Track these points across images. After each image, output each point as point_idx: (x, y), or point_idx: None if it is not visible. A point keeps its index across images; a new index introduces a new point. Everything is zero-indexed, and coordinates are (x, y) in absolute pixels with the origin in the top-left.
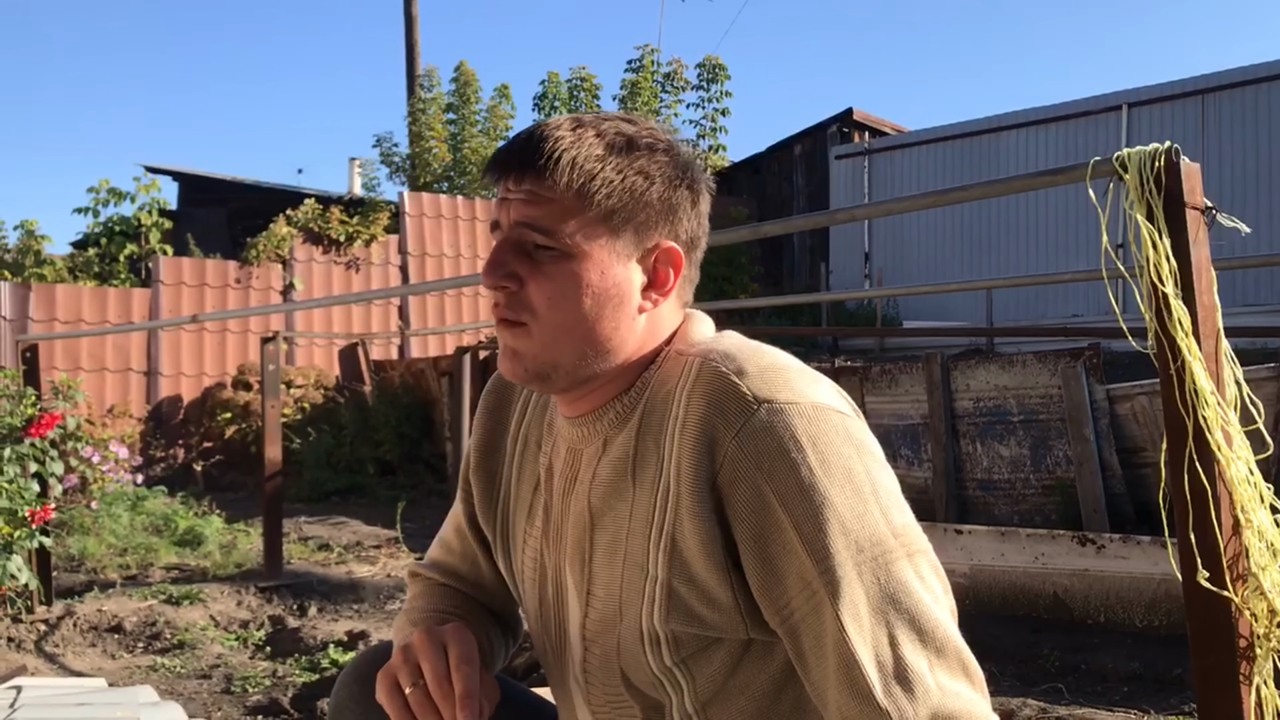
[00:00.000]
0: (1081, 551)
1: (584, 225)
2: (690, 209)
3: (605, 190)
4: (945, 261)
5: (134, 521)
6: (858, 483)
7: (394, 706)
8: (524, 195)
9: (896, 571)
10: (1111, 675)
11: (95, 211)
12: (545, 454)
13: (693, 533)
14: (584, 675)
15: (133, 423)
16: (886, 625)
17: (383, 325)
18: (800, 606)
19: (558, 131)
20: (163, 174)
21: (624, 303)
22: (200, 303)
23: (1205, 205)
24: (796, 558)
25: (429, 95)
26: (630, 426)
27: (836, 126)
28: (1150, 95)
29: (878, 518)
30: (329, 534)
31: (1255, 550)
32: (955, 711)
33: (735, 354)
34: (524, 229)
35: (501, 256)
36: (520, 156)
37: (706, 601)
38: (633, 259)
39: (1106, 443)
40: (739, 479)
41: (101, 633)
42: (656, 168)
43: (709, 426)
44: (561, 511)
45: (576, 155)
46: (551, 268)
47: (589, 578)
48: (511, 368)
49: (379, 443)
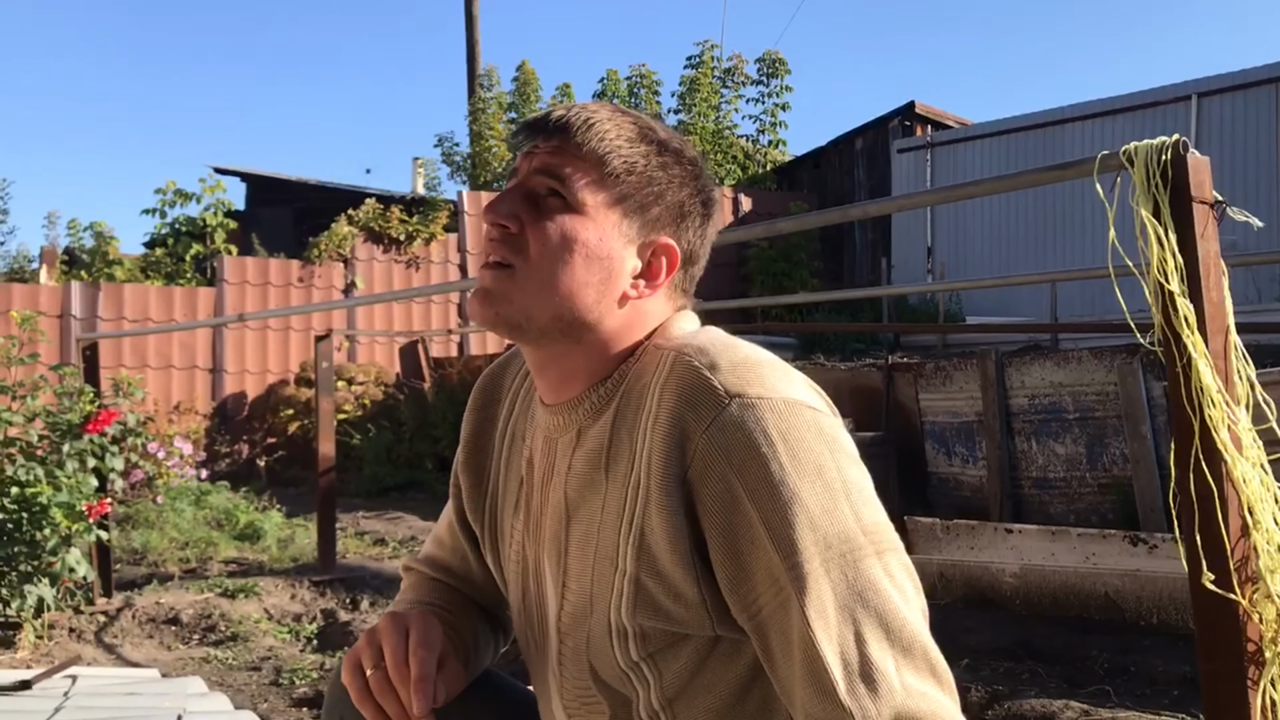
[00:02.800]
0: (1133, 552)
1: (598, 191)
2: (698, 225)
3: (627, 169)
4: (1010, 255)
5: (196, 516)
6: (828, 479)
7: (355, 687)
8: (551, 148)
9: (865, 569)
10: (1161, 678)
11: (162, 212)
12: (528, 446)
13: (661, 527)
14: (559, 668)
15: (198, 419)
16: (853, 623)
17: (442, 323)
18: (768, 603)
19: (596, 109)
20: (230, 174)
21: (611, 278)
22: (264, 301)
23: (1215, 199)
24: (764, 554)
25: (489, 94)
26: (605, 419)
27: (898, 120)
28: (1221, 84)
29: (847, 514)
30: (385, 529)
31: (1263, 553)
32: (920, 712)
33: (708, 348)
34: (541, 176)
35: (511, 195)
36: (555, 119)
37: (673, 596)
38: (633, 245)
39: (1164, 440)
40: (709, 473)
41: (159, 624)
42: (679, 172)
43: (680, 421)
44: (541, 502)
45: (610, 130)
46: (555, 217)
47: (564, 570)
48: (483, 311)
49: (437, 439)
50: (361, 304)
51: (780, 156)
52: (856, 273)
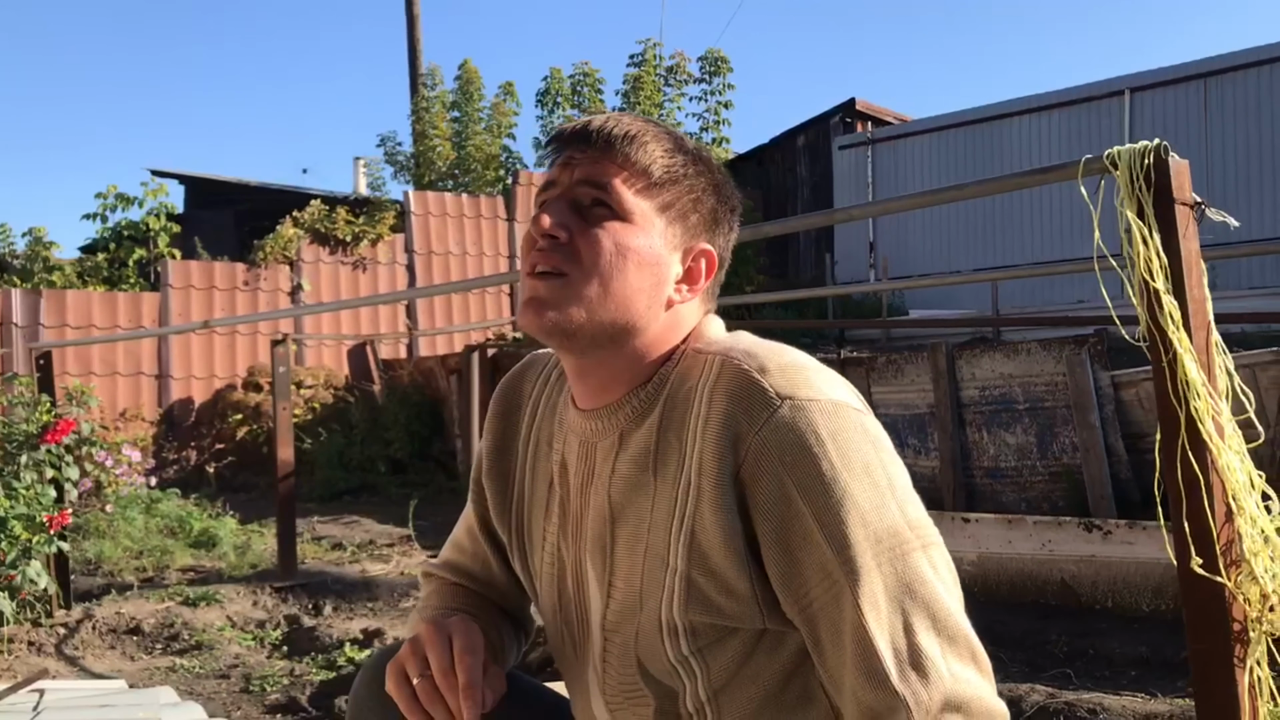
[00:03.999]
0: (1088, 538)
1: (643, 199)
2: (728, 231)
3: (670, 178)
4: (951, 248)
5: (149, 524)
6: (875, 477)
7: (402, 697)
8: (591, 160)
9: (912, 562)
10: (1119, 660)
11: (104, 217)
12: (558, 450)
13: (714, 525)
14: (602, 665)
15: (145, 426)
16: (903, 614)
17: (391, 324)
18: (819, 596)
19: (631, 120)
20: (169, 177)
21: (660, 284)
22: (209, 305)
23: (1195, 200)
24: (817, 549)
25: (432, 94)
26: (650, 422)
27: (839, 117)
28: (1153, 80)
29: (894, 511)
30: (342, 533)
31: (1247, 536)
32: (966, 697)
33: (756, 352)
34: (585, 186)
35: (557, 207)
36: (594, 130)
37: (725, 592)
38: (677, 251)
39: (1112, 428)
40: (762, 472)
41: (120, 635)
42: (712, 180)
43: (733, 422)
44: (580, 505)
45: (650, 141)
46: (604, 225)
47: (610, 570)
48: (536, 320)
49: (389, 441)
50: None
51: (724, 154)
52: (801, 269)
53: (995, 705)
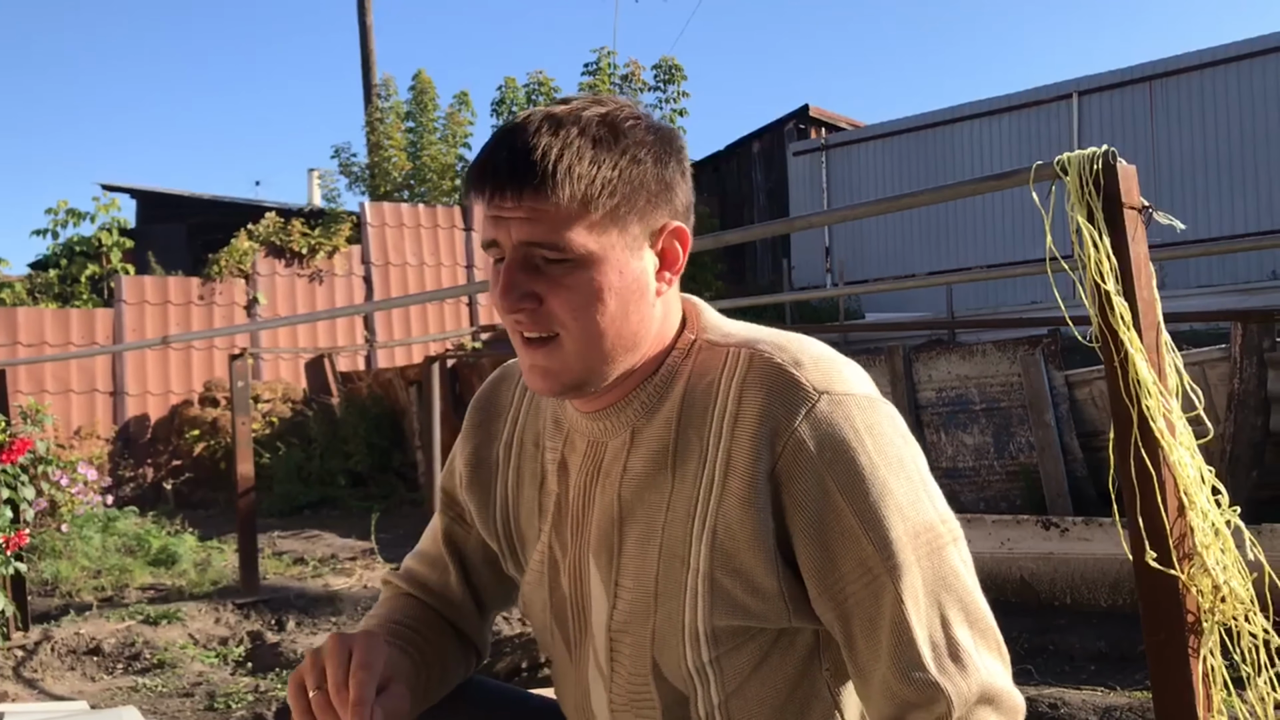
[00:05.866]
0: (1046, 535)
1: (592, 230)
2: (681, 179)
3: (606, 189)
4: (905, 252)
5: (106, 543)
6: (909, 471)
7: (298, 708)
8: (523, 213)
9: (947, 557)
10: (1079, 655)
11: (55, 233)
12: (555, 450)
13: (741, 523)
14: (609, 665)
15: (100, 444)
16: (939, 607)
17: (348, 336)
18: (856, 591)
19: (541, 139)
20: (120, 192)
21: (644, 294)
22: (164, 320)
23: (1142, 204)
24: (856, 544)
25: (386, 104)
26: (665, 418)
27: (793, 123)
28: (1100, 83)
29: (928, 505)
30: (303, 548)
31: (1199, 530)
32: (999, 690)
33: (785, 345)
34: (531, 247)
35: (513, 278)
36: (510, 171)
37: (751, 590)
38: (644, 246)
39: (1067, 427)
40: (800, 467)
41: (80, 655)
42: (645, 149)
43: (769, 417)
44: (583, 504)
45: (570, 163)
46: (569, 279)
47: (617, 569)
48: (545, 384)
49: (349, 454)
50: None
51: None
52: (758, 274)
53: (1019, 700)
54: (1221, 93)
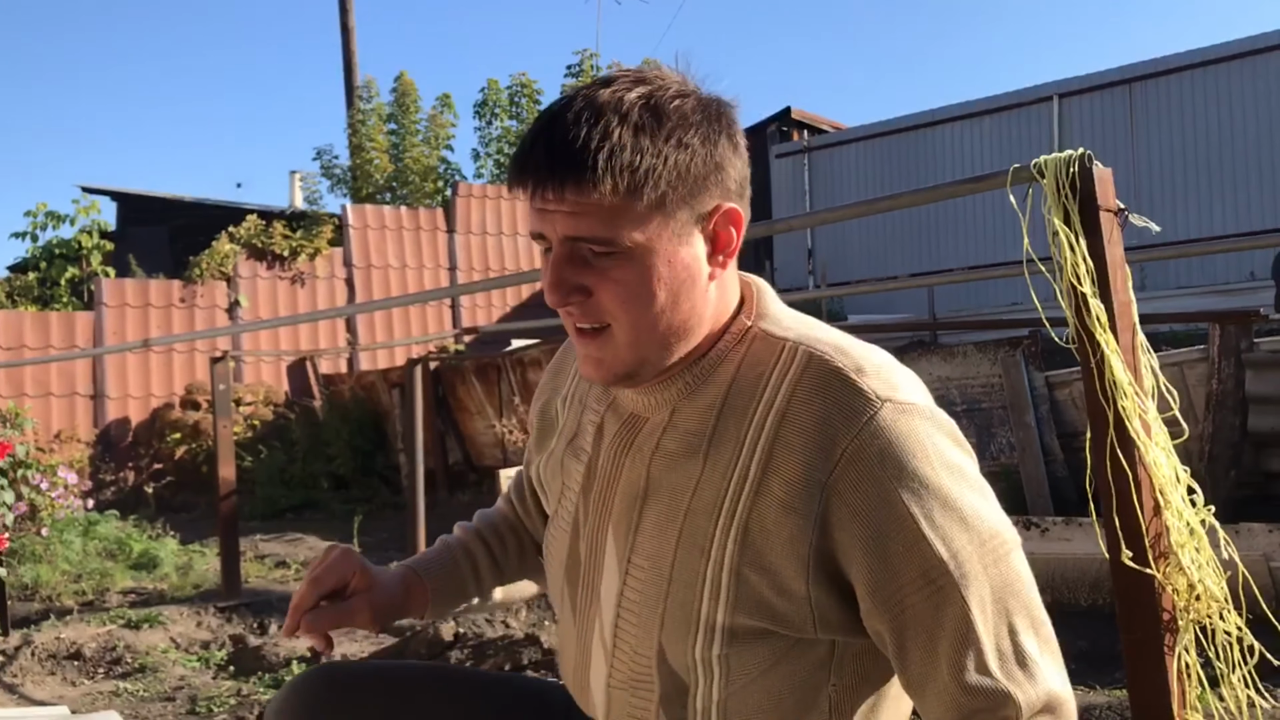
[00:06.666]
0: (1026, 535)
1: (639, 221)
2: (733, 155)
3: (652, 180)
4: (887, 253)
5: (87, 547)
6: (970, 480)
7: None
8: (568, 208)
9: (1012, 564)
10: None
11: (34, 235)
12: (596, 413)
13: (780, 524)
14: (613, 641)
15: (81, 447)
16: (1006, 614)
17: (330, 339)
18: (917, 602)
19: (584, 129)
20: (100, 194)
21: (696, 281)
22: (145, 323)
23: (1118, 207)
24: (920, 555)
25: (368, 106)
26: (707, 403)
27: (776, 125)
28: (1080, 85)
29: (990, 513)
30: (286, 551)
31: (1174, 529)
32: (1062, 699)
33: (848, 349)
34: (578, 242)
35: (561, 272)
36: (550, 164)
37: (778, 590)
38: (694, 232)
39: (1047, 428)
40: (861, 477)
41: (61, 660)
42: (692, 131)
43: (826, 424)
44: (611, 474)
45: (613, 154)
46: (617, 271)
47: (631, 547)
48: (598, 373)
49: (331, 457)
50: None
51: None
52: None
53: (1074, 707)
54: (1200, 96)
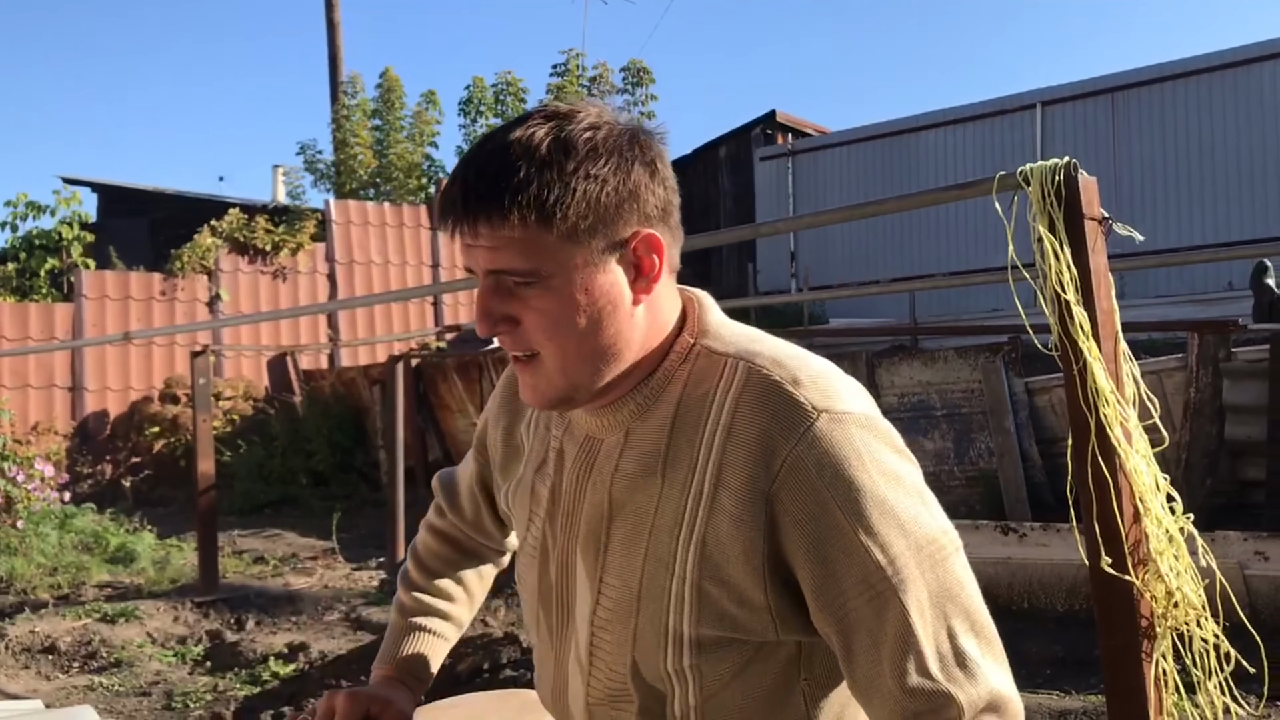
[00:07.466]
0: (1004, 540)
1: (553, 251)
2: (650, 181)
3: (560, 211)
4: (869, 257)
5: (63, 540)
6: (908, 486)
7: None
8: (485, 243)
9: (950, 568)
10: (1035, 659)
11: (14, 226)
12: (556, 437)
13: (732, 539)
14: (589, 659)
15: (58, 440)
16: (945, 617)
17: (311, 335)
18: (858, 607)
19: (494, 167)
20: (81, 185)
21: (618, 306)
22: (125, 316)
23: (1102, 215)
24: (859, 561)
25: (353, 102)
26: (659, 423)
27: (760, 128)
28: (1063, 94)
29: (928, 519)
30: (264, 546)
31: (1154, 536)
32: (1005, 698)
33: (784, 361)
34: (499, 275)
35: (488, 304)
36: (464, 204)
37: (738, 601)
38: (611, 259)
39: (1026, 433)
40: (798, 487)
41: (35, 654)
42: (600, 161)
43: (766, 437)
44: (575, 497)
45: (520, 189)
46: (538, 300)
47: (602, 566)
48: (536, 399)
49: (311, 453)
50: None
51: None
52: (724, 278)
53: (1021, 706)
54: (1182, 106)
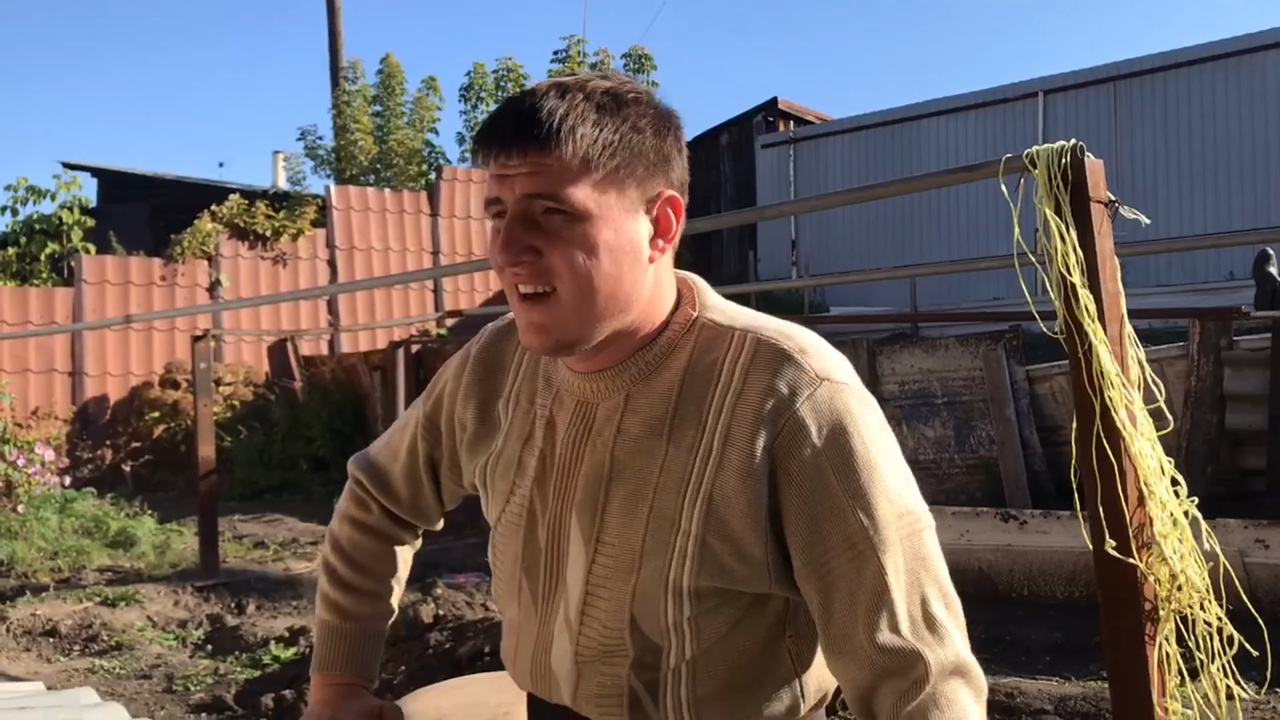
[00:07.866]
0: (1005, 528)
1: (592, 188)
2: (678, 155)
3: (607, 151)
4: (870, 246)
5: (63, 524)
6: (894, 461)
7: None
8: (529, 168)
9: (925, 539)
10: (1035, 646)
11: (14, 210)
12: (544, 407)
13: (738, 492)
14: (579, 619)
15: (58, 424)
16: (919, 584)
17: (312, 320)
18: (840, 565)
19: (548, 101)
20: (81, 170)
21: (639, 256)
22: (125, 301)
23: (1109, 199)
24: (844, 522)
25: (353, 87)
26: (665, 388)
27: (762, 116)
28: (1065, 83)
29: (909, 494)
30: (264, 531)
31: (1158, 520)
32: (970, 664)
33: (791, 333)
34: (533, 199)
35: (513, 232)
36: (517, 130)
37: (738, 556)
38: (639, 211)
39: (1027, 422)
40: (798, 446)
41: (36, 636)
42: (646, 120)
43: (775, 396)
44: (570, 462)
45: (574, 122)
46: (568, 232)
47: (600, 526)
48: (539, 340)
49: (311, 438)
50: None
51: None
52: (724, 265)
53: (984, 681)
54: (1184, 95)
